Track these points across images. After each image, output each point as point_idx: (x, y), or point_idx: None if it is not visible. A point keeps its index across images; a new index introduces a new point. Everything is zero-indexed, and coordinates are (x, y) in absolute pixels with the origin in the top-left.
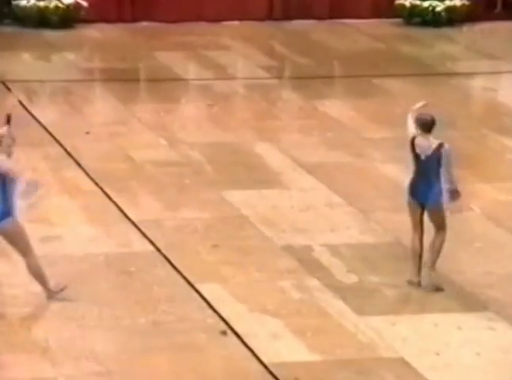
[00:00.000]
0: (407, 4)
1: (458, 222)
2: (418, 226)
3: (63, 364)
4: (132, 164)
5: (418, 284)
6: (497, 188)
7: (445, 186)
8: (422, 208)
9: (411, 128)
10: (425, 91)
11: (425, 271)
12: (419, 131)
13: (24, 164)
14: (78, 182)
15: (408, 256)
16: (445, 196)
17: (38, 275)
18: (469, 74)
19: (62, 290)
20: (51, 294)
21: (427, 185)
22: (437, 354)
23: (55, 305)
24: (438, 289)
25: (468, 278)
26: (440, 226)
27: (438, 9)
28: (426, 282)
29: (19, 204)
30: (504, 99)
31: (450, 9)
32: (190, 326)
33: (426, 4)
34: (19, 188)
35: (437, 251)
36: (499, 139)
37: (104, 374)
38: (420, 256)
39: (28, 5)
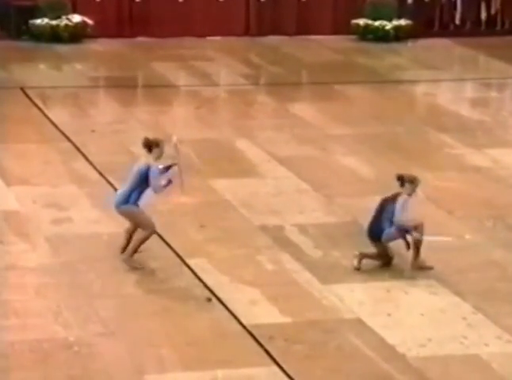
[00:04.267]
0: (361, 23)
1: None
2: None
3: (73, 327)
4: (131, 157)
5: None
6: (437, 176)
7: None
8: None
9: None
10: (377, 95)
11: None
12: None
13: (40, 157)
14: (86, 172)
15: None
16: None
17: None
18: (413, 82)
19: (137, 268)
20: (129, 263)
21: None
22: (389, 315)
23: (66, 277)
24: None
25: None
26: None
27: (387, 27)
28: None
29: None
30: (442, 102)
31: (397, 28)
32: (181, 294)
33: (377, 23)
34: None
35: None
36: (438, 135)
37: (107, 334)
38: None
39: (42, 23)
